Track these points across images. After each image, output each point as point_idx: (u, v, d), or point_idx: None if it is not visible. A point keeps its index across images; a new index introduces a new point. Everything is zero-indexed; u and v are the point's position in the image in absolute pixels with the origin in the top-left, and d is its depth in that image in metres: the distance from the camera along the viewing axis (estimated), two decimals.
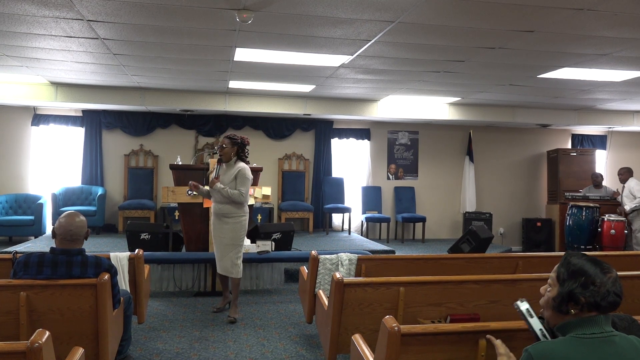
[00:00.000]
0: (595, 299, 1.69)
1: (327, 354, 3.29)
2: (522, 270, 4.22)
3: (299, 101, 8.60)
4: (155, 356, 3.84)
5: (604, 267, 1.74)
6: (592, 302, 1.70)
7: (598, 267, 1.74)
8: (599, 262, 1.76)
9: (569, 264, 1.78)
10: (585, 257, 1.79)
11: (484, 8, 4.06)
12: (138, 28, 4.80)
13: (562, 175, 9.87)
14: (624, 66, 5.88)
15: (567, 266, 1.78)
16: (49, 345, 2.06)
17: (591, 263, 1.75)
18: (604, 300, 1.69)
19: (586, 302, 1.70)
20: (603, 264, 1.76)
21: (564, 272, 1.77)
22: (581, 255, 1.80)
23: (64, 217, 3.02)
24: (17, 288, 2.85)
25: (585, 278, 1.72)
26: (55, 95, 7.90)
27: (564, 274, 1.77)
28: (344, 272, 4.00)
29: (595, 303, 1.70)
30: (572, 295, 1.72)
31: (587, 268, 1.74)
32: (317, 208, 9.52)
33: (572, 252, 1.86)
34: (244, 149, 4.77)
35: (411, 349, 2.15)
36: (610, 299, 1.70)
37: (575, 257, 1.79)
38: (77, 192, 8.84)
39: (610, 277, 1.72)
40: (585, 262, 1.76)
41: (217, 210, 4.74)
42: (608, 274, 1.73)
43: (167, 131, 9.38)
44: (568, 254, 1.83)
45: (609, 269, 1.74)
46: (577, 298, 1.71)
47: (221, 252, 4.77)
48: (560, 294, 1.75)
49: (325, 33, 4.82)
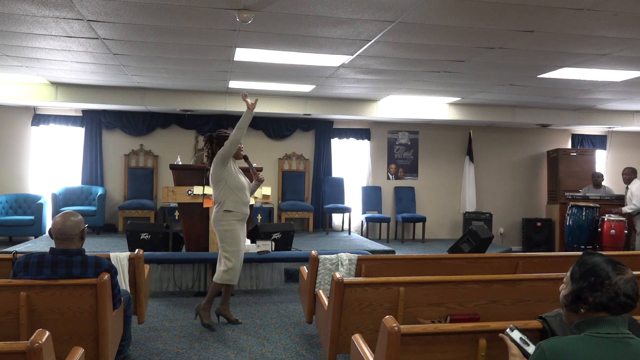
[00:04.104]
0: (603, 299, 1.67)
1: (327, 354, 3.29)
2: (522, 270, 4.21)
3: (299, 101, 8.60)
4: (155, 356, 3.84)
5: (617, 267, 1.71)
6: (599, 302, 1.68)
7: (611, 266, 1.71)
8: (614, 262, 1.73)
9: (583, 263, 1.76)
10: (601, 256, 1.76)
11: (484, 8, 4.06)
12: (138, 28, 4.80)
13: (562, 175, 9.87)
14: (624, 66, 5.88)
15: (580, 265, 1.77)
16: (49, 345, 2.05)
17: (605, 263, 1.73)
18: (612, 301, 1.67)
19: (594, 303, 1.69)
20: (618, 264, 1.72)
21: (577, 270, 1.77)
22: (597, 255, 1.78)
23: (59, 217, 3.01)
24: (17, 288, 2.85)
25: (595, 278, 1.70)
26: (55, 95, 7.90)
27: (577, 272, 1.76)
28: (344, 272, 4.00)
29: (602, 304, 1.68)
30: (580, 295, 1.71)
31: (599, 268, 1.72)
32: (317, 208, 9.52)
33: (590, 251, 1.83)
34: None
35: (411, 349, 2.15)
36: (619, 301, 1.67)
37: (591, 256, 1.77)
38: (77, 192, 8.84)
39: (622, 278, 1.69)
40: (600, 261, 1.74)
41: (247, 212, 4.57)
42: (620, 274, 1.70)
43: (167, 131, 9.38)
44: (585, 253, 1.81)
45: (623, 270, 1.71)
46: (585, 298, 1.70)
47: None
48: (571, 293, 1.75)
49: (325, 33, 4.82)
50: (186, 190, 5.83)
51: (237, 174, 4.48)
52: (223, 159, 4.37)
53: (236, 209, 4.43)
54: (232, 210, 4.41)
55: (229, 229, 4.43)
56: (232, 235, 4.43)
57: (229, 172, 4.41)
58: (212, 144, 4.55)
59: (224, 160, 4.37)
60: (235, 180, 4.44)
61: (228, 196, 4.40)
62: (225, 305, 4.65)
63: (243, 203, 4.48)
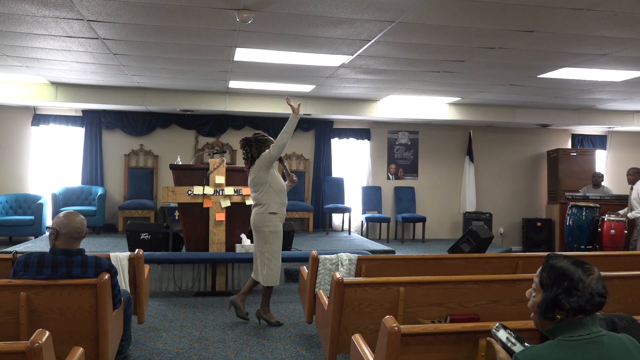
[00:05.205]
0: (580, 303, 1.67)
1: (327, 354, 3.29)
2: (522, 270, 4.21)
3: (299, 101, 8.57)
4: (155, 356, 3.84)
5: (585, 268, 1.71)
6: (577, 306, 1.67)
7: (580, 268, 1.71)
8: (581, 263, 1.73)
9: (551, 268, 1.74)
10: (567, 259, 1.75)
11: (484, 8, 4.06)
12: (138, 28, 4.80)
13: (562, 175, 9.87)
14: (624, 66, 5.88)
15: (549, 271, 1.74)
16: (49, 345, 2.05)
17: (574, 265, 1.72)
18: (588, 303, 1.67)
19: (571, 308, 1.68)
20: (585, 264, 1.72)
21: (547, 277, 1.74)
22: (562, 257, 1.76)
23: (67, 217, 2.99)
24: (17, 288, 2.85)
25: (568, 283, 1.69)
26: (55, 95, 7.90)
27: (547, 279, 1.74)
28: (344, 272, 4.00)
29: (580, 307, 1.67)
30: (556, 302, 1.69)
31: (569, 272, 1.70)
32: (317, 208, 9.52)
33: (553, 254, 1.82)
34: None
35: (411, 349, 2.15)
36: (595, 301, 1.67)
37: (557, 260, 1.75)
38: (77, 192, 8.84)
39: (593, 278, 1.69)
40: (568, 264, 1.72)
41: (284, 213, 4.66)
42: (590, 275, 1.69)
43: (167, 131, 9.38)
44: (549, 257, 1.79)
45: (590, 269, 1.71)
46: (562, 304, 1.68)
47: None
48: (545, 301, 1.72)
49: (325, 33, 4.82)
50: (186, 190, 5.83)
51: (278, 176, 4.63)
52: (269, 163, 4.51)
53: (280, 210, 4.59)
54: (277, 212, 4.57)
55: (275, 230, 4.56)
56: (277, 236, 4.58)
57: (272, 175, 4.56)
58: (250, 147, 4.61)
59: (268, 164, 4.51)
60: (278, 182, 4.59)
61: (273, 198, 4.54)
62: (268, 307, 4.66)
63: (284, 205, 4.65)
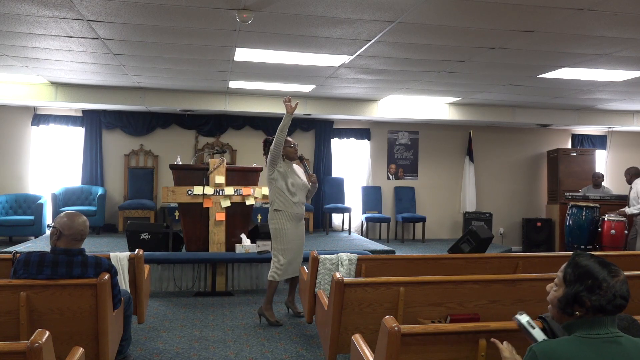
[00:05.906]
0: (601, 302, 1.66)
1: (327, 354, 3.29)
2: (522, 270, 4.21)
3: (299, 101, 8.57)
4: (155, 356, 3.84)
5: (611, 270, 1.70)
6: (598, 305, 1.67)
7: (606, 269, 1.70)
8: (607, 264, 1.72)
9: (577, 266, 1.74)
10: (594, 258, 1.75)
11: (484, 8, 4.06)
12: (138, 28, 4.80)
13: (562, 175, 9.87)
14: (624, 66, 5.88)
15: (574, 267, 1.74)
16: (49, 345, 2.05)
17: (599, 265, 1.71)
18: (609, 304, 1.66)
19: (592, 306, 1.67)
20: (611, 266, 1.72)
21: (571, 273, 1.74)
22: (589, 257, 1.76)
23: (70, 218, 2.98)
24: (17, 288, 2.85)
25: (592, 281, 1.68)
26: (55, 95, 7.90)
27: (571, 275, 1.73)
28: (344, 272, 4.00)
29: (600, 307, 1.67)
30: (577, 298, 1.69)
31: (594, 271, 1.70)
32: (317, 208, 9.51)
33: (581, 252, 1.82)
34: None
35: (411, 349, 2.15)
36: (616, 303, 1.67)
37: (584, 258, 1.75)
38: (77, 192, 8.84)
39: (617, 280, 1.68)
40: (593, 264, 1.72)
41: (301, 212, 4.69)
42: (616, 277, 1.69)
43: (167, 131, 9.38)
44: (576, 254, 1.79)
45: (616, 272, 1.70)
46: (583, 301, 1.68)
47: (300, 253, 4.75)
48: (566, 296, 1.72)
49: (325, 33, 4.82)
50: (186, 190, 5.83)
51: (287, 174, 4.63)
52: (271, 161, 4.61)
53: (285, 208, 4.61)
54: (280, 209, 4.62)
55: (278, 227, 4.62)
56: (281, 233, 4.62)
57: (278, 174, 4.61)
58: (266, 147, 4.81)
59: (272, 162, 4.60)
60: (285, 181, 4.61)
61: (277, 196, 4.63)
62: (292, 297, 4.95)
63: (293, 203, 4.63)
